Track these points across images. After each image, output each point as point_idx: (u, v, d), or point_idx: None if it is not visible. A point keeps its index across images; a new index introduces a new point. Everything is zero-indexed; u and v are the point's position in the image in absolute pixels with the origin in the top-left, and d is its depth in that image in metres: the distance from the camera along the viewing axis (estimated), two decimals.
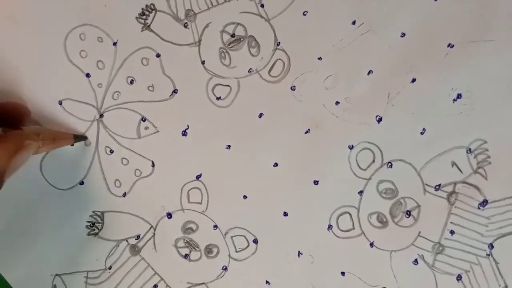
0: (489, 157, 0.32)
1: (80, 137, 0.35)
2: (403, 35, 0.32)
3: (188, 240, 0.37)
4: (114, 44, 0.35)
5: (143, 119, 0.35)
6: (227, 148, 0.35)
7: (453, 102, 0.32)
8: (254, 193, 0.35)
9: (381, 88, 0.33)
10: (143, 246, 0.37)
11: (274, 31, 0.34)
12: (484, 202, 0.32)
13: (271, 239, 0.36)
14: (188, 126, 0.35)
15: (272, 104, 0.34)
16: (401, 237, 0.34)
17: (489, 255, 0.32)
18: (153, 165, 0.36)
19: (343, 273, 0.35)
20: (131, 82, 0.35)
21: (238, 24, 0.34)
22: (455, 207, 0.33)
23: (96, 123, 0.36)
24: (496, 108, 0.31)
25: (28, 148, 0.28)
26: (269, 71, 0.34)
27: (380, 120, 0.33)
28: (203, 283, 0.37)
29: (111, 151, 0.36)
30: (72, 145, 0.35)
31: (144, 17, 0.35)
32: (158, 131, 0.35)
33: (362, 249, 0.34)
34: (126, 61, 0.35)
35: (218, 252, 0.37)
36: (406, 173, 0.33)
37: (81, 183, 0.36)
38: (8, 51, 0.35)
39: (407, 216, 0.33)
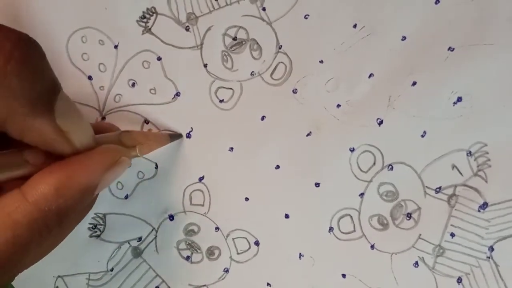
0: (489, 160, 0.32)
1: (175, 136, 0.35)
2: (404, 38, 0.32)
3: (189, 242, 0.37)
4: (115, 47, 0.35)
5: (146, 122, 0.35)
6: (229, 150, 0.35)
7: (454, 105, 0.32)
8: (256, 195, 0.36)
9: (382, 91, 0.33)
10: (144, 248, 0.37)
11: (276, 34, 0.34)
12: (485, 205, 0.32)
13: (273, 241, 0.36)
14: (191, 128, 0.35)
15: (274, 107, 0.34)
16: (401, 240, 0.34)
17: (489, 257, 0.32)
18: (156, 167, 0.36)
19: (344, 275, 0.35)
20: (133, 85, 0.35)
21: (240, 27, 0.34)
22: (456, 209, 0.33)
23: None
24: (496, 111, 0.32)
25: (123, 164, 0.27)
26: (271, 74, 0.34)
27: (381, 122, 0.33)
28: (205, 285, 0.37)
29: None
30: None
31: (145, 20, 0.35)
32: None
33: (363, 251, 0.35)
34: (127, 64, 0.35)
35: (219, 254, 0.37)
36: (407, 176, 0.33)
37: None
38: None
39: (407, 218, 0.34)
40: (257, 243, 0.36)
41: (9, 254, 0.22)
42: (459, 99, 0.32)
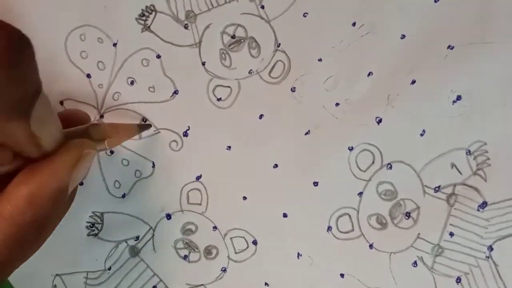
0: (488, 159, 0.32)
1: (143, 127, 0.35)
2: (403, 36, 0.32)
3: (187, 241, 0.37)
4: (114, 45, 0.35)
5: (144, 120, 0.35)
6: (227, 149, 0.35)
7: (453, 104, 0.32)
8: (254, 194, 0.35)
9: (381, 89, 0.33)
10: (142, 247, 0.37)
11: (274, 32, 0.34)
12: (484, 204, 0.32)
13: (271, 241, 0.36)
14: (189, 127, 0.35)
15: (273, 105, 0.34)
16: (400, 239, 0.34)
17: (488, 257, 0.32)
18: (153, 166, 0.36)
19: (342, 275, 0.35)
20: (132, 83, 0.35)
21: (239, 25, 0.34)
22: (455, 209, 0.33)
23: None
24: (496, 110, 0.31)
25: (88, 157, 0.27)
26: (270, 72, 0.34)
27: (380, 121, 0.33)
28: (202, 285, 0.37)
29: (111, 152, 0.36)
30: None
31: (144, 18, 0.35)
32: (159, 132, 0.35)
33: (362, 251, 0.34)
34: (126, 62, 0.35)
35: (217, 254, 0.37)
36: (406, 175, 0.33)
37: (81, 183, 0.36)
38: None
39: (406, 217, 0.33)
40: (255, 242, 0.36)
41: None
42: (459, 98, 0.32)
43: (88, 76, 0.35)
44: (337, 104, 0.34)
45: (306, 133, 0.34)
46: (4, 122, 0.21)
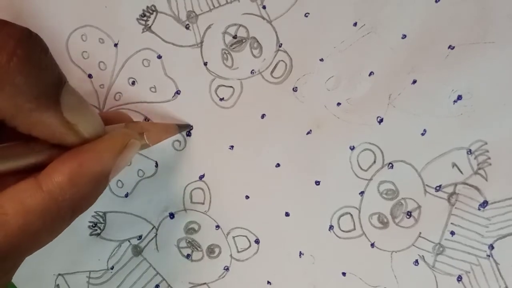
0: (489, 158, 0.32)
1: (183, 127, 0.35)
2: (404, 36, 0.32)
3: (190, 240, 0.37)
4: (115, 45, 0.35)
5: (146, 120, 0.35)
6: (230, 148, 0.35)
7: (454, 104, 0.32)
8: (256, 193, 0.36)
9: (382, 89, 0.33)
10: (145, 247, 0.37)
11: (276, 32, 0.34)
12: (485, 203, 0.32)
13: (273, 240, 0.36)
14: (192, 126, 0.35)
15: (275, 105, 0.34)
16: (401, 238, 0.34)
17: (489, 256, 0.32)
18: (156, 165, 0.36)
19: (344, 274, 0.35)
20: (133, 83, 0.35)
21: (240, 25, 0.34)
22: (456, 208, 0.33)
23: None
24: (497, 110, 0.32)
25: (133, 147, 0.27)
26: (272, 72, 0.34)
27: (381, 121, 0.33)
28: (205, 283, 0.37)
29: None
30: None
31: (145, 18, 0.35)
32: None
33: (363, 250, 0.35)
34: (127, 62, 0.35)
35: (220, 252, 0.37)
36: (407, 174, 0.33)
37: None
38: None
39: (407, 216, 0.34)
40: (257, 241, 0.36)
41: (19, 241, 0.22)
42: (460, 98, 0.32)
43: (90, 76, 0.35)
44: (338, 104, 0.34)
45: (308, 133, 0.34)
46: (37, 115, 0.21)
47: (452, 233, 0.33)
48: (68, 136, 0.24)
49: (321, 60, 0.33)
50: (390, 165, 0.34)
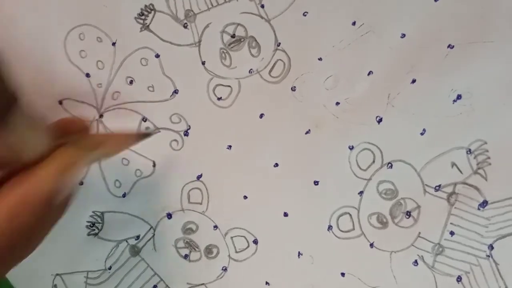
0: (489, 157, 0.32)
1: (144, 135, 0.32)
2: (403, 35, 0.32)
3: (188, 240, 0.37)
4: (113, 44, 0.35)
5: (144, 119, 0.35)
6: (228, 148, 0.35)
7: (453, 103, 0.32)
8: (255, 193, 0.35)
9: (381, 88, 0.33)
10: (143, 247, 0.37)
11: (274, 31, 0.34)
12: (484, 203, 0.32)
13: (271, 240, 0.36)
14: (189, 126, 0.35)
15: (273, 105, 0.34)
16: (401, 238, 0.34)
17: (489, 256, 0.32)
18: (154, 165, 0.36)
19: (343, 274, 0.35)
20: (131, 82, 0.35)
21: (239, 24, 0.34)
22: (455, 207, 0.33)
23: (96, 123, 0.36)
24: (496, 109, 0.31)
25: (74, 167, 0.26)
26: (270, 71, 0.34)
27: (380, 120, 0.33)
28: (203, 284, 0.37)
29: None
30: None
31: (143, 17, 0.34)
32: (159, 131, 0.35)
33: (362, 250, 0.34)
34: (125, 61, 0.35)
35: (218, 253, 0.37)
36: (406, 174, 0.33)
37: (81, 183, 0.36)
38: (9, 51, 0.35)
39: (407, 216, 0.33)
40: (255, 242, 0.36)
41: None
42: (459, 97, 0.32)
43: (87, 75, 0.35)
44: (337, 103, 0.34)
45: (307, 132, 0.34)
46: None
47: (452, 233, 0.33)
48: (11, 158, 0.23)
49: (320, 59, 0.33)
50: (389, 164, 0.33)
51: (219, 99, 0.35)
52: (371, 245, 0.34)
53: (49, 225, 0.27)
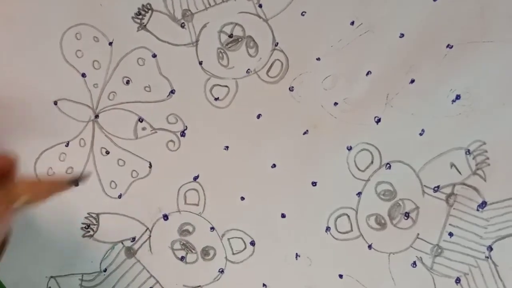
0: (488, 158, 0.32)
1: (75, 181, 0.31)
2: (402, 35, 0.32)
3: (184, 242, 0.36)
4: (110, 44, 0.35)
5: (140, 120, 0.35)
6: (225, 149, 0.35)
7: (452, 103, 0.32)
8: (252, 194, 0.35)
9: (380, 89, 0.33)
10: (138, 249, 0.37)
11: (272, 31, 0.33)
12: (483, 204, 0.32)
13: (269, 241, 0.35)
14: (186, 127, 0.35)
15: (271, 105, 0.34)
16: (399, 239, 0.33)
17: (488, 257, 0.32)
18: (150, 166, 0.35)
19: (341, 276, 0.35)
20: (127, 82, 0.35)
21: (236, 24, 0.34)
22: (454, 208, 0.32)
23: (91, 123, 0.35)
24: (495, 109, 0.31)
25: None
26: (267, 71, 0.34)
27: (378, 121, 0.33)
28: (199, 286, 0.37)
29: (107, 152, 0.35)
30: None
31: (140, 16, 0.34)
32: (155, 132, 0.35)
33: (361, 251, 0.34)
34: (121, 61, 0.35)
35: (214, 255, 0.36)
36: (405, 175, 0.33)
37: (76, 184, 0.35)
38: (4, 50, 0.34)
39: (405, 218, 0.33)
40: (253, 243, 0.36)
41: None
42: (458, 97, 0.32)
43: (83, 75, 0.35)
44: (335, 104, 0.33)
45: (305, 133, 0.34)
46: None
47: (451, 234, 0.33)
48: None
49: (318, 59, 0.33)
50: (388, 165, 0.33)
51: (216, 99, 0.34)
52: (370, 246, 0.34)
53: None
